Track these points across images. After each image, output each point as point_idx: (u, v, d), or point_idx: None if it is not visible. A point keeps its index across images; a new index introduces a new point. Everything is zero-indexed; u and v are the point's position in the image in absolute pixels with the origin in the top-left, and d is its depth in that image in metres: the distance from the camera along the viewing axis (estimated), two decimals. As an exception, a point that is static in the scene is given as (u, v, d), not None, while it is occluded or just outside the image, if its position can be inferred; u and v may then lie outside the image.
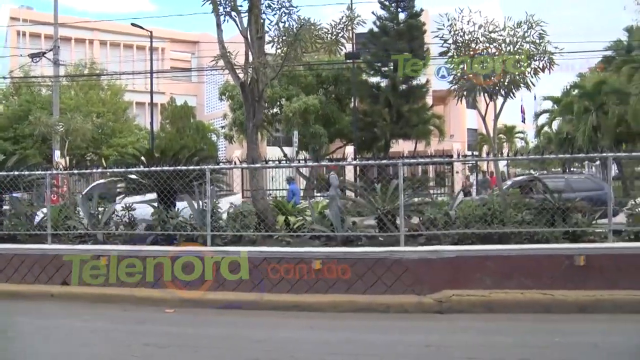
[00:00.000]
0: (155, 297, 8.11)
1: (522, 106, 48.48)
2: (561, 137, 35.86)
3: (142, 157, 10.44)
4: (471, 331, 6.58)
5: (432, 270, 7.63)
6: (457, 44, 9.41)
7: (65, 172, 11.95)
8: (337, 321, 7.24)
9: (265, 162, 9.72)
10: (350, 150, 30.05)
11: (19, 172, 9.81)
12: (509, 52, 9.10)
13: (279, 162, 10.66)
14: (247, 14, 9.72)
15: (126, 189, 10.15)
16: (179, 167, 9.10)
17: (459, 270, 7.59)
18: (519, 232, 7.97)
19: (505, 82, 9.28)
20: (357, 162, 14.60)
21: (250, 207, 9.44)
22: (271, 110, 28.96)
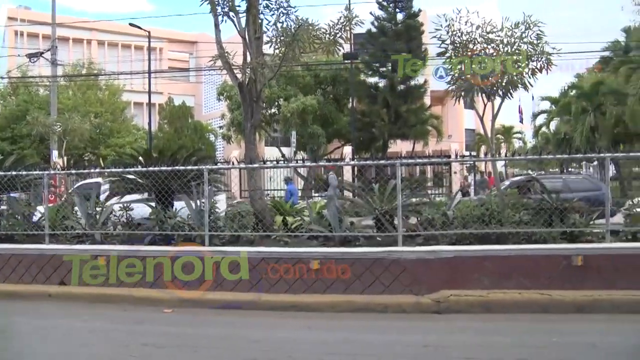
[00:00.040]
0: (154, 297, 8.10)
1: (520, 106, 48.56)
2: (559, 138, 35.96)
3: (140, 157, 10.44)
4: (469, 331, 6.58)
5: (430, 270, 7.64)
6: (455, 45, 9.44)
7: (62, 172, 11.94)
8: (335, 321, 7.24)
9: (263, 162, 9.72)
10: (348, 150, 30.05)
11: (16, 172, 9.80)
12: (506, 52, 9.12)
13: (277, 162, 10.67)
14: (245, 14, 9.72)
15: (124, 189, 10.13)
16: (177, 167, 9.10)
17: (456, 270, 7.61)
18: (517, 233, 7.98)
19: (503, 83, 9.30)
20: (355, 162, 14.60)
21: (248, 207, 9.43)
22: (269, 110, 28.94)
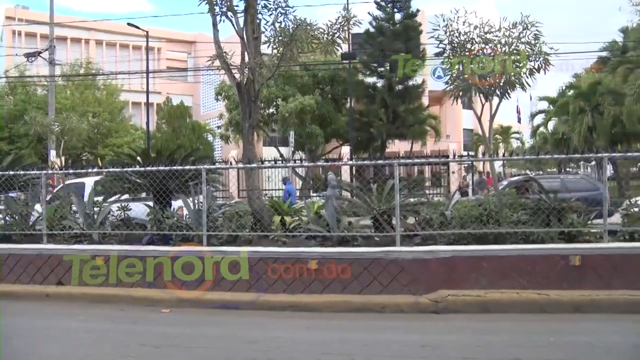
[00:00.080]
0: (153, 297, 8.08)
1: (517, 106, 48.72)
2: (557, 138, 36.01)
3: (138, 157, 10.42)
4: (467, 331, 6.59)
5: (428, 270, 7.65)
6: (453, 45, 9.43)
7: (60, 171, 11.91)
8: (334, 321, 7.23)
9: (261, 162, 9.71)
10: (346, 150, 30.06)
11: (14, 172, 9.78)
12: (504, 52, 9.12)
13: (275, 162, 10.67)
14: (243, 14, 9.72)
15: (121, 189, 10.12)
16: (175, 167, 9.09)
17: (454, 270, 7.61)
18: (515, 232, 7.98)
19: (500, 83, 9.30)
20: (353, 162, 14.58)
21: (246, 207, 9.43)
22: (267, 110, 28.97)
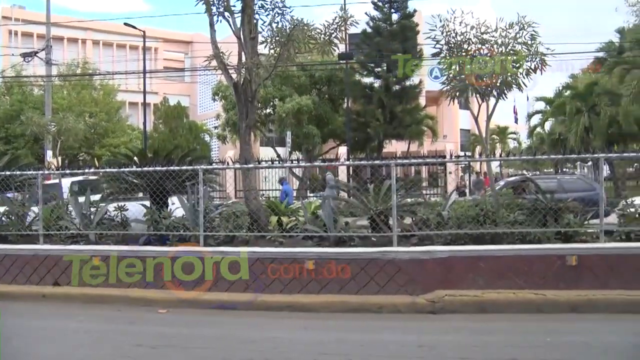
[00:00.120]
0: (151, 297, 8.06)
1: (514, 107, 48.79)
2: (553, 138, 36.10)
3: (134, 157, 10.40)
4: (464, 331, 6.59)
5: (425, 270, 7.65)
6: (450, 45, 9.44)
7: (57, 172, 11.88)
8: (331, 321, 7.23)
9: (258, 163, 9.70)
10: (343, 150, 30.08)
11: (10, 172, 9.75)
12: (501, 53, 9.14)
13: (272, 162, 10.66)
14: (240, 14, 9.70)
15: (119, 189, 10.11)
16: (172, 167, 9.07)
17: (451, 270, 7.62)
18: (512, 233, 7.99)
19: (497, 83, 9.31)
20: (350, 162, 14.59)
21: (243, 207, 9.42)
22: (264, 110, 28.98)
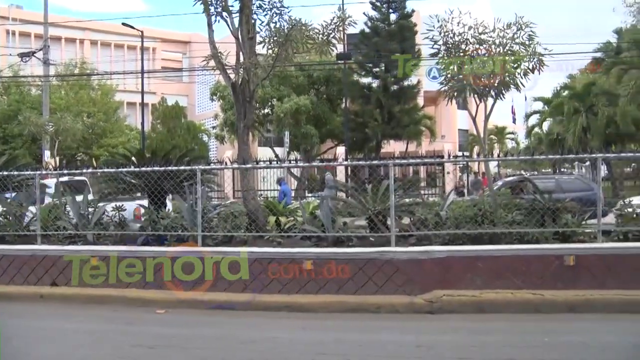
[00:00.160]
0: (154, 297, 8.05)
1: (512, 107, 48.89)
2: (551, 138, 36.16)
3: (132, 157, 10.39)
4: (462, 331, 6.59)
5: (423, 270, 7.65)
6: (448, 46, 9.45)
7: (54, 172, 11.85)
8: (329, 321, 7.23)
9: (256, 163, 9.69)
10: (341, 150, 30.07)
11: (7, 173, 9.73)
12: (498, 53, 9.15)
13: (270, 162, 10.65)
14: (238, 14, 9.69)
15: (117, 189, 10.10)
16: (170, 168, 9.07)
17: (449, 270, 7.62)
18: (510, 233, 8.00)
19: (495, 83, 9.32)
20: (348, 162, 14.59)
21: (241, 207, 9.41)
22: (262, 110, 28.95)
